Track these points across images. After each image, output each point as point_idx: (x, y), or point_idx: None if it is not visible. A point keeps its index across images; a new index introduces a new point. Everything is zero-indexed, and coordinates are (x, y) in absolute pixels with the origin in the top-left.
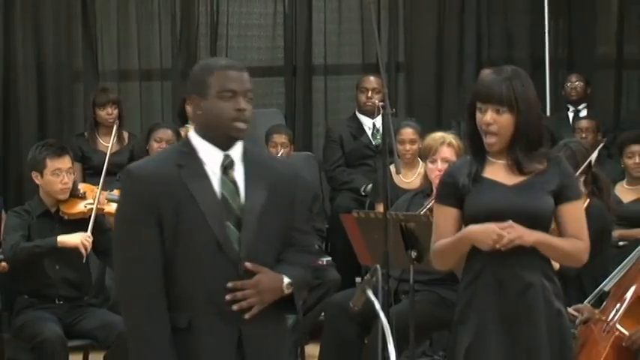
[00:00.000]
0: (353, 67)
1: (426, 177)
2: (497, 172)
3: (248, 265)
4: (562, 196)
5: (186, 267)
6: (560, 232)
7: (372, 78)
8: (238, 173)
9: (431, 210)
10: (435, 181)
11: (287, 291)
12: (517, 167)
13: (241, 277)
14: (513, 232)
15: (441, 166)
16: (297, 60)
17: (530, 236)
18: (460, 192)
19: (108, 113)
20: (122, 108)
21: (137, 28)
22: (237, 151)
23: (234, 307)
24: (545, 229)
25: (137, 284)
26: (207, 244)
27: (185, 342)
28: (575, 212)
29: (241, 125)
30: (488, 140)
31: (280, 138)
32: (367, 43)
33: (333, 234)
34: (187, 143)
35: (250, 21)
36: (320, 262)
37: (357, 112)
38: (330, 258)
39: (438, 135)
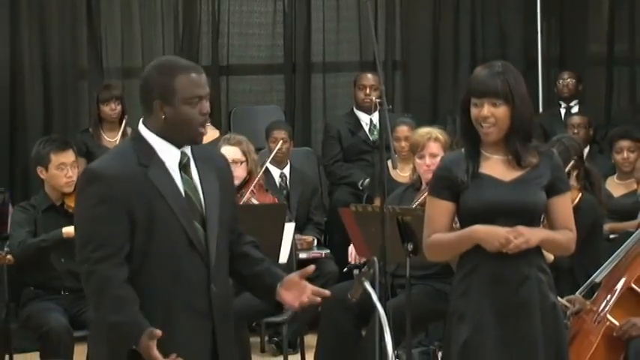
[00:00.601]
0: (351, 64)
1: (415, 171)
2: (493, 167)
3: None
4: (554, 189)
5: (160, 263)
6: (551, 223)
7: (369, 75)
8: (193, 170)
9: (422, 204)
10: (424, 176)
11: None
12: (516, 160)
13: (210, 272)
14: (520, 238)
15: (429, 161)
16: (296, 58)
17: (535, 238)
18: (456, 186)
19: (111, 109)
20: (125, 104)
21: (141, 27)
22: (188, 147)
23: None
24: (538, 222)
25: (108, 282)
26: (180, 241)
27: (162, 337)
28: (565, 204)
29: (204, 130)
30: (486, 130)
31: (280, 134)
32: (364, 42)
33: (331, 227)
34: (142, 140)
35: (251, 20)
36: (319, 254)
37: (354, 109)
38: (328, 250)
39: (425, 131)
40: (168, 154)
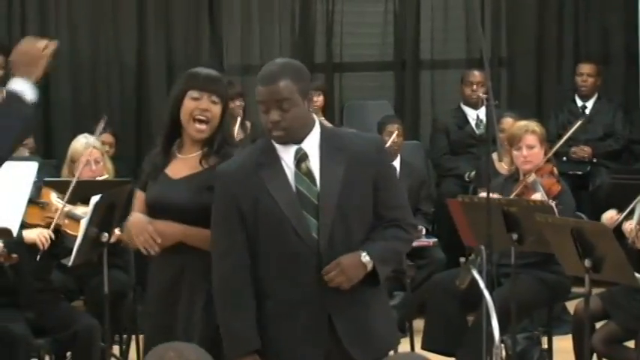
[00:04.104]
0: (458, 61)
1: (513, 163)
2: (176, 165)
3: (326, 270)
4: None
5: (269, 259)
6: None
7: (476, 72)
8: (314, 163)
9: (518, 195)
10: (522, 167)
11: (369, 265)
12: (205, 155)
13: (321, 260)
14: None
15: (525, 152)
16: (405, 55)
17: (178, 232)
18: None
19: (236, 105)
20: (247, 100)
21: (259, 27)
22: (312, 141)
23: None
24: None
25: (225, 279)
26: (288, 236)
27: (274, 328)
28: None
29: (277, 133)
30: (201, 127)
31: (393, 127)
32: (471, 40)
33: (438, 217)
34: (268, 140)
35: (363, 20)
36: (427, 242)
37: (461, 104)
38: (436, 239)
39: (522, 124)
40: (285, 150)
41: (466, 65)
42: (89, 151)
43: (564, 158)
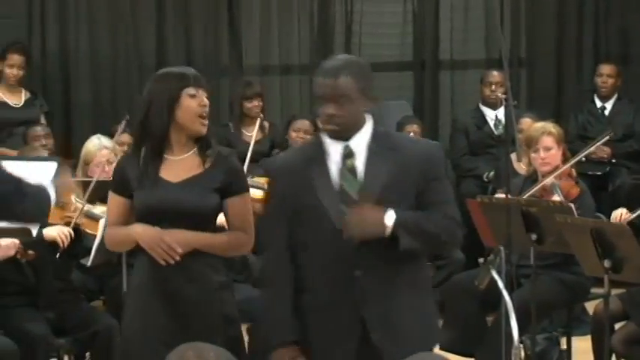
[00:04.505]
0: (477, 62)
1: (531, 164)
2: (168, 168)
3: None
4: (227, 191)
5: (308, 252)
6: (228, 225)
7: (495, 72)
8: (360, 160)
9: (534, 195)
10: (540, 169)
11: (388, 228)
12: (204, 155)
13: (356, 257)
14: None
15: (543, 154)
16: (425, 55)
17: (193, 240)
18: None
19: (255, 105)
20: (265, 100)
21: (278, 27)
22: (361, 139)
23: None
24: (210, 225)
25: (267, 269)
26: (326, 231)
27: (312, 320)
28: (238, 205)
29: (329, 127)
30: (204, 121)
31: (412, 127)
32: (491, 40)
33: None
34: (318, 136)
35: (382, 20)
36: None
37: (480, 105)
38: None
39: (539, 125)
40: (333, 147)
41: (485, 65)
42: (102, 152)
43: (583, 158)
